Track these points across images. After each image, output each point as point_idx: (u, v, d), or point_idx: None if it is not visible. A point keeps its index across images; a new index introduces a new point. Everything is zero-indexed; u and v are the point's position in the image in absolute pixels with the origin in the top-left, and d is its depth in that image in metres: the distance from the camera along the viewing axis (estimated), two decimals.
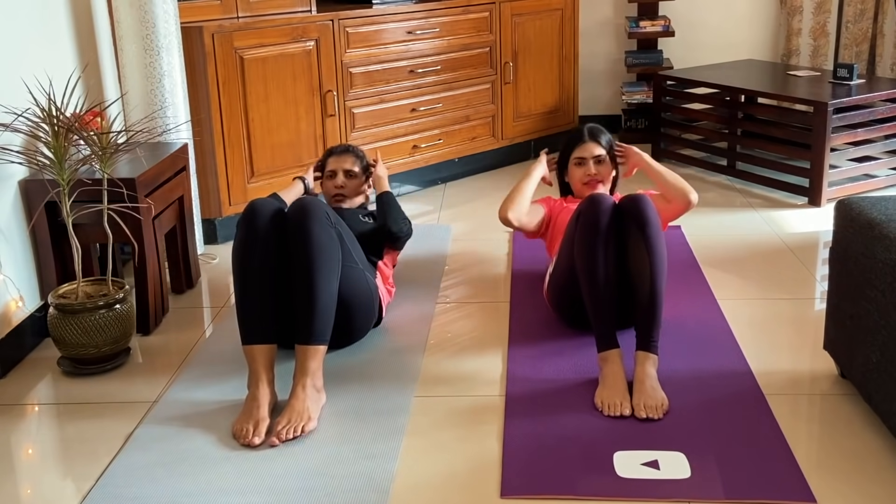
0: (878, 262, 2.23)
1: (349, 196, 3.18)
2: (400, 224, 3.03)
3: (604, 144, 3.18)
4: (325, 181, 3.22)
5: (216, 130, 3.71)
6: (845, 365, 2.49)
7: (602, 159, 3.16)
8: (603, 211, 2.63)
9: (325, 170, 3.23)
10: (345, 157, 3.22)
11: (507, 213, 3.05)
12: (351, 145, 3.29)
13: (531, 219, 3.11)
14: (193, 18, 3.67)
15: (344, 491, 2.14)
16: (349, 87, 4.12)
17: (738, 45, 5.42)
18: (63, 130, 2.70)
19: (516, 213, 3.06)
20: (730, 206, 4.18)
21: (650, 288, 2.56)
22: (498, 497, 2.12)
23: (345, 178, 3.17)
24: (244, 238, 2.58)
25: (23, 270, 2.95)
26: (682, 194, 3.04)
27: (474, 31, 4.56)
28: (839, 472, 2.18)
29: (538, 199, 3.20)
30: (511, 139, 4.85)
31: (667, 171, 3.13)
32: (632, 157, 3.21)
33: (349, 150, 3.24)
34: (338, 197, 3.17)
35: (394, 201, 3.12)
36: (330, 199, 3.19)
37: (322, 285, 2.51)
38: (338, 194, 3.17)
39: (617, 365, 2.54)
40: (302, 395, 2.44)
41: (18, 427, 2.53)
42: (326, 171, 3.22)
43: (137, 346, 2.97)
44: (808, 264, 3.48)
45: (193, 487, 2.17)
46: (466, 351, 2.86)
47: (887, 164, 4.35)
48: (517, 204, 3.07)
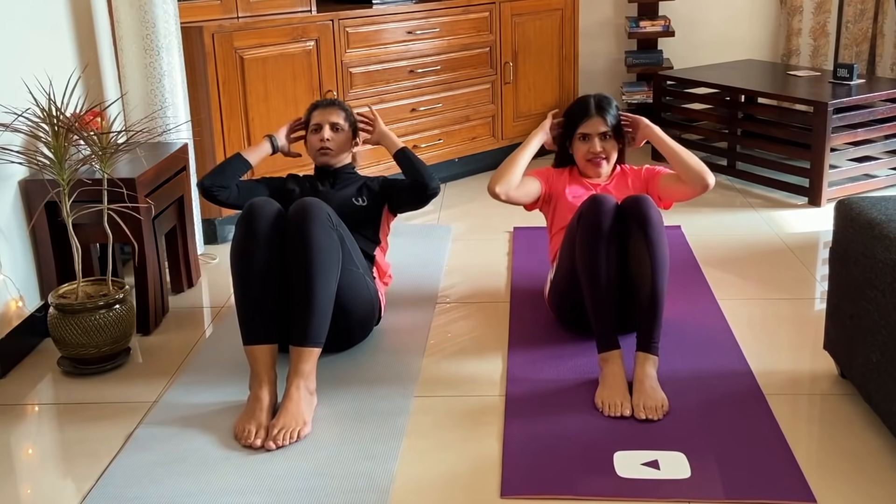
0: (878, 262, 2.23)
1: (336, 152, 2.99)
2: (434, 179, 2.90)
3: (610, 119, 2.99)
4: (310, 136, 3.02)
5: (216, 130, 3.71)
6: (845, 365, 2.49)
7: (608, 136, 2.99)
8: (605, 212, 2.61)
9: (310, 123, 3.02)
10: (330, 109, 3.02)
11: (495, 186, 2.93)
12: (337, 98, 3.10)
13: (521, 193, 2.98)
14: (193, 18, 3.67)
15: (344, 491, 2.14)
16: (349, 87, 4.12)
17: (738, 45, 5.42)
18: (63, 130, 2.70)
19: (504, 186, 2.93)
20: (730, 206, 4.18)
21: (651, 289, 2.55)
22: (498, 497, 2.12)
23: (331, 131, 2.97)
24: (244, 238, 2.56)
25: (23, 270, 2.95)
26: (699, 177, 2.85)
27: (474, 31, 4.56)
28: (839, 472, 2.18)
29: (533, 171, 3.06)
30: (511, 139, 4.84)
31: (681, 148, 2.93)
32: (641, 128, 3.04)
33: (335, 103, 3.06)
34: (323, 151, 2.98)
35: (414, 156, 2.97)
36: (315, 154, 3.01)
37: (320, 287, 2.50)
38: (323, 148, 2.97)
39: (617, 365, 2.54)
40: (296, 397, 2.43)
41: (18, 427, 2.53)
42: (311, 125, 3.01)
43: (137, 346, 2.97)
44: (808, 264, 3.48)
45: (193, 487, 2.17)
46: (466, 351, 2.86)
47: (887, 164, 4.35)
48: (507, 177, 2.94)
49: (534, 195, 3.02)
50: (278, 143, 3.06)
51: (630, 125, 3.08)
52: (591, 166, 3.01)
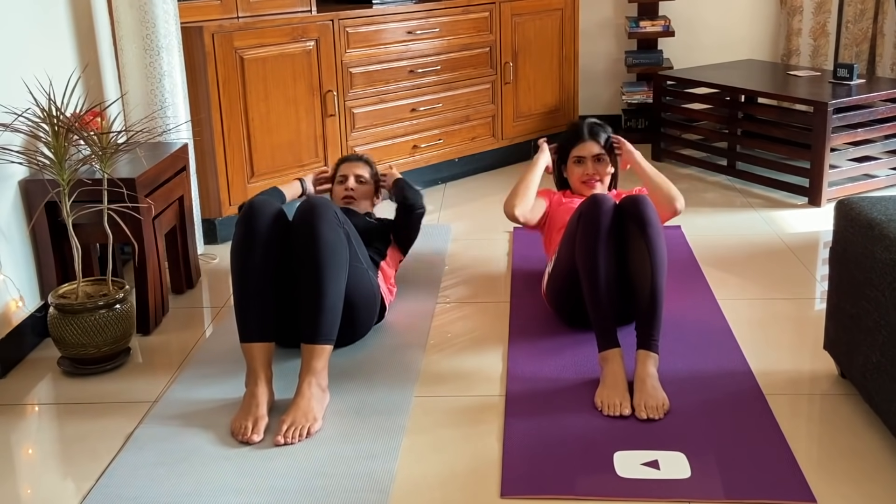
0: (878, 262, 2.23)
1: (358, 199, 3.22)
2: (417, 197, 3.12)
3: (603, 142, 3.18)
4: (336, 186, 3.27)
5: (216, 130, 3.71)
6: (845, 365, 2.49)
7: (601, 158, 3.17)
8: (604, 212, 2.63)
9: (337, 175, 3.28)
10: (356, 163, 3.29)
11: (515, 209, 3.04)
12: (364, 155, 3.37)
13: (535, 213, 3.11)
14: (193, 18, 3.67)
15: (344, 491, 2.14)
16: (349, 87, 4.12)
17: (738, 45, 5.42)
18: (63, 130, 2.70)
19: (522, 209, 3.05)
20: (730, 206, 4.18)
21: (651, 287, 2.56)
22: (498, 497, 2.12)
23: (356, 182, 3.22)
24: (243, 236, 2.57)
25: (23, 270, 2.95)
26: (668, 200, 2.98)
27: (474, 31, 4.56)
28: (839, 472, 2.18)
29: (539, 192, 3.18)
30: (511, 139, 4.85)
31: (656, 173, 3.07)
32: (625, 153, 3.20)
33: (361, 159, 3.32)
34: (347, 199, 3.21)
35: (407, 182, 3.20)
36: (339, 203, 3.22)
37: (330, 285, 2.51)
38: (347, 196, 3.21)
39: (618, 364, 2.54)
40: (307, 394, 2.44)
41: (18, 427, 2.53)
42: (338, 177, 3.27)
43: (137, 346, 2.97)
44: (808, 264, 3.48)
45: (193, 487, 2.17)
46: (466, 350, 2.86)
47: (887, 164, 4.35)
48: (524, 199, 3.06)
49: (542, 214, 3.15)
50: (308, 187, 3.27)
51: (619, 147, 3.22)
52: (586, 188, 3.15)
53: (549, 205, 3.17)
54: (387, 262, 3.08)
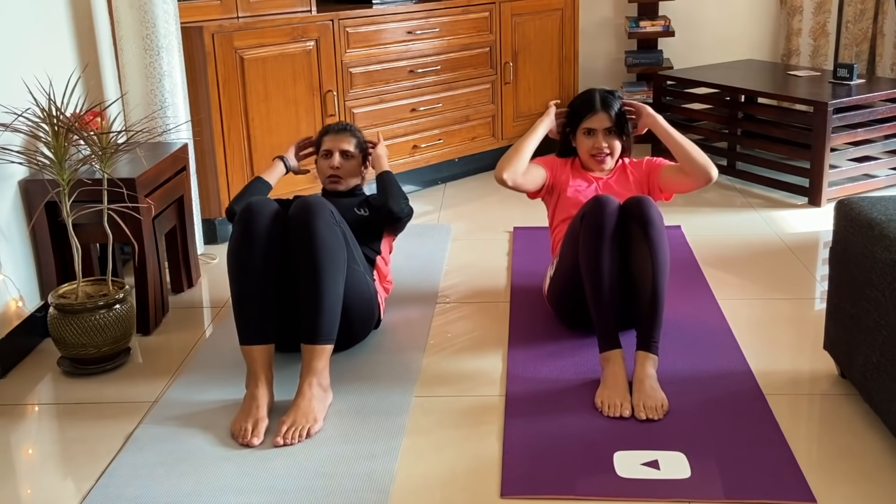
0: (878, 262, 2.23)
1: (345, 177, 3.02)
2: (401, 204, 2.92)
3: (615, 115, 2.98)
4: (320, 160, 3.05)
5: (216, 130, 3.71)
6: (845, 365, 2.49)
7: (612, 130, 2.99)
8: (608, 214, 2.61)
9: (321, 148, 3.05)
10: (342, 136, 3.04)
11: (503, 173, 2.93)
12: (349, 123, 3.13)
13: (527, 179, 2.98)
14: (193, 18, 3.67)
15: (344, 491, 2.14)
16: (349, 87, 4.12)
17: (738, 45, 5.42)
18: (63, 130, 2.70)
19: (512, 173, 2.93)
20: (730, 206, 4.18)
21: (652, 288, 2.56)
22: (498, 497, 2.12)
23: (341, 158, 3.00)
24: (241, 237, 2.56)
25: (23, 270, 2.95)
26: (703, 170, 2.85)
27: (474, 31, 4.56)
28: (839, 472, 2.18)
29: (539, 159, 3.07)
30: (511, 139, 4.84)
31: (685, 139, 2.91)
32: (644, 116, 3.03)
33: (346, 129, 3.07)
34: (333, 178, 3.01)
35: (394, 180, 2.99)
36: (324, 180, 3.05)
37: (328, 285, 2.50)
38: (333, 175, 3.01)
39: (618, 365, 2.54)
40: (308, 394, 2.44)
41: (18, 427, 2.53)
42: (322, 150, 3.04)
43: (137, 346, 2.97)
44: (808, 264, 3.48)
45: (193, 487, 2.17)
46: (466, 351, 2.86)
47: (887, 164, 4.35)
48: (514, 164, 2.94)
49: (539, 183, 3.03)
50: (290, 163, 3.11)
51: (633, 112, 3.06)
52: (595, 162, 3.03)
53: (550, 172, 3.04)
54: (382, 257, 3.00)
